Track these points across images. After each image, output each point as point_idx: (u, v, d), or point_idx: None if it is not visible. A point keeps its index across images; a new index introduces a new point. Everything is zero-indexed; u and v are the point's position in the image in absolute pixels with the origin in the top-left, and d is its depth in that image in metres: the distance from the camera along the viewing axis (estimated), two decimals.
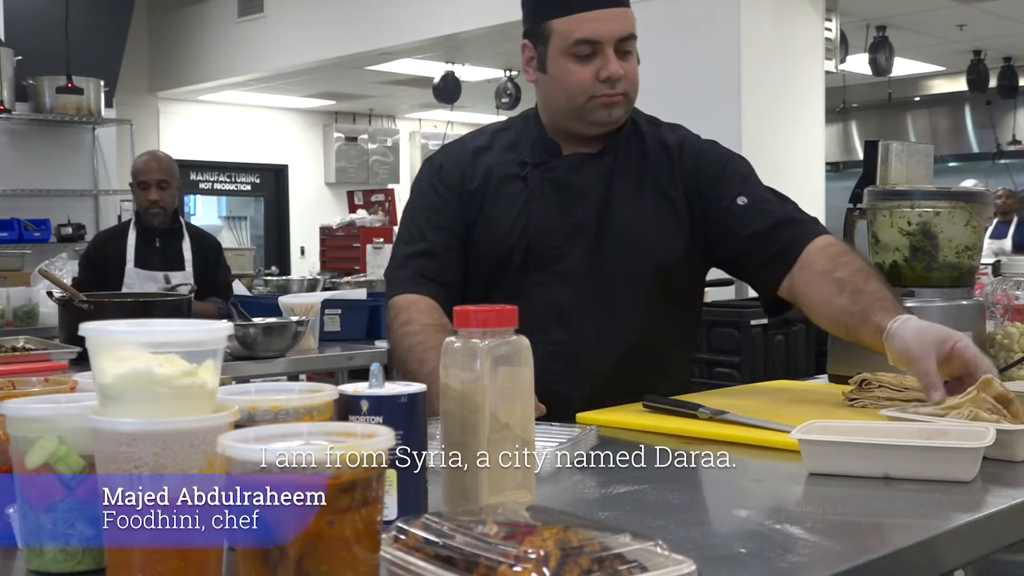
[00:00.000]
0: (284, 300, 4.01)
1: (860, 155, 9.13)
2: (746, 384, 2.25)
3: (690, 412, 1.58)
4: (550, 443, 1.33)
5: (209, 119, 10.66)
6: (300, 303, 3.96)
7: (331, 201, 11.45)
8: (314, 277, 6.66)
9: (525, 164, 1.91)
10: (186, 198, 11.02)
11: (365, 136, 11.92)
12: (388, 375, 1.08)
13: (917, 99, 11.37)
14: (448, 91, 9.18)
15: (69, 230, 7.25)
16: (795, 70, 5.64)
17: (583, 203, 1.88)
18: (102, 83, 7.34)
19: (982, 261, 2.15)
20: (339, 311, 4.09)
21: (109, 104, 7.51)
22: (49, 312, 4.35)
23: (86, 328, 0.89)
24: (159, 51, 9.49)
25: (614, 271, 1.87)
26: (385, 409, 1.02)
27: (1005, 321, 2.01)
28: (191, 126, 10.50)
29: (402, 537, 0.88)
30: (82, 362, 2.85)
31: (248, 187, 11.41)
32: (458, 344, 1.08)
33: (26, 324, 4.48)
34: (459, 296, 1.88)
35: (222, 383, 0.95)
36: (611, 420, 1.61)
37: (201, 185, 10.97)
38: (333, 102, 11.12)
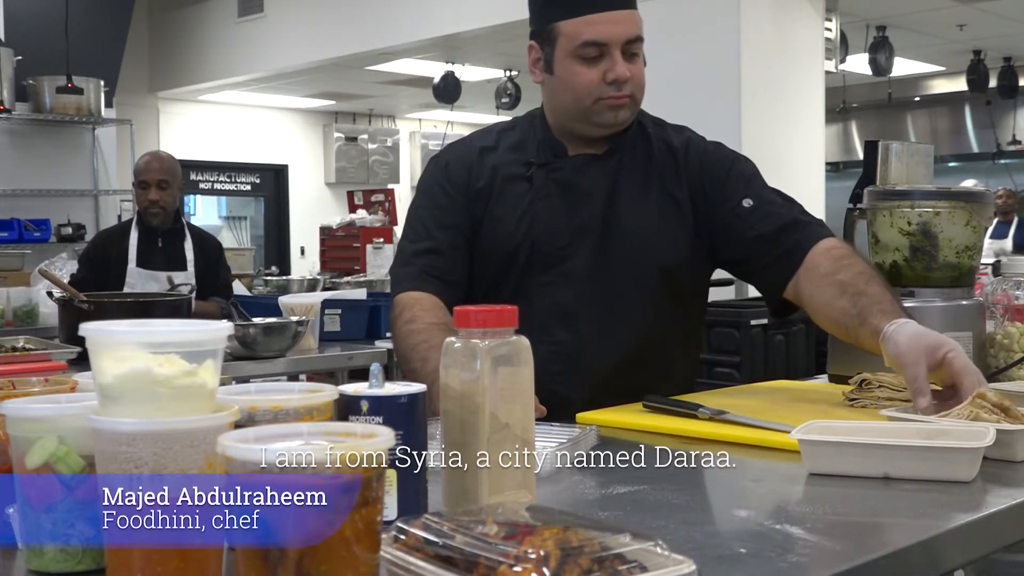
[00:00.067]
0: (284, 300, 4.01)
1: (860, 155, 9.13)
2: (746, 384, 2.25)
3: (690, 412, 1.58)
4: (550, 443, 1.33)
5: (209, 119, 10.66)
6: (300, 303, 3.96)
7: (331, 201, 11.45)
8: (314, 277, 6.65)
9: (531, 164, 1.91)
10: (186, 198, 11.02)
11: (365, 136, 11.92)
12: (388, 375, 1.08)
13: (917, 99, 11.37)
14: (448, 91, 9.18)
15: (69, 230, 7.26)
16: (795, 70, 5.64)
17: (588, 204, 1.88)
18: (102, 83, 7.34)
19: (982, 261, 2.15)
20: (339, 311, 4.10)
21: (109, 104, 7.51)
22: (49, 312, 4.35)
23: (86, 328, 0.89)
24: (159, 51, 9.49)
25: (619, 272, 1.86)
26: (385, 409, 1.02)
27: (1005, 321, 2.01)
28: (191, 126, 10.50)
29: (402, 537, 0.88)
30: (82, 362, 2.85)
31: (248, 187, 11.41)
32: (458, 344, 1.08)
33: (26, 324, 4.48)
34: (464, 295, 1.88)
35: (222, 383, 0.95)
36: (611, 420, 1.61)
37: (201, 185, 10.97)
38: (333, 102, 11.12)
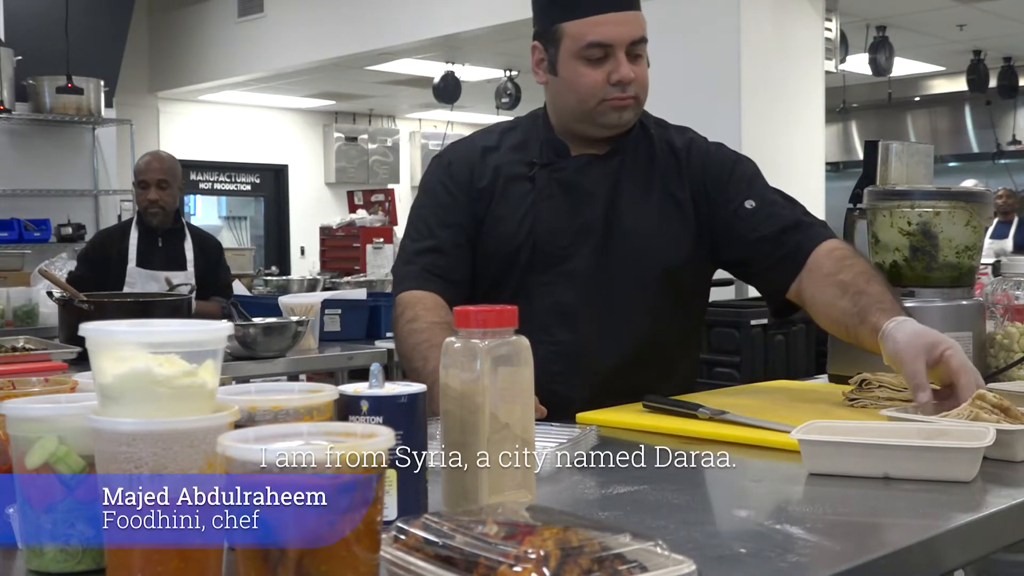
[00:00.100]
0: (284, 300, 4.01)
1: (860, 155, 9.13)
2: (746, 384, 2.24)
3: (690, 412, 1.58)
4: (550, 443, 1.33)
5: (209, 119, 10.66)
6: (300, 303, 3.96)
7: (331, 201, 11.44)
8: (314, 277, 6.65)
9: (533, 164, 1.91)
10: (186, 198, 11.02)
11: (365, 136, 11.91)
12: (388, 375, 1.08)
13: (917, 99, 11.37)
14: (448, 91, 9.18)
15: (69, 230, 7.26)
16: (795, 70, 5.64)
17: (590, 204, 1.88)
18: (102, 83, 7.34)
19: (982, 261, 2.15)
20: (339, 311, 4.09)
21: (109, 104, 7.51)
22: (49, 312, 4.35)
23: (86, 328, 0.89)
24: (159, 51, 9.49)
25: (620, 272, 1.86)
26: (385, 409, 1.02)
27: (1005, 321, 2.01)
28: (191, 126, 10.50)
29: (402, 537, 0.88)
30: (82, 362, 2.85)
31: (248, 187, 11.41)
32: (458, 344, 1.08)
33: (26, 324, 4.48)
34: (466, 294, 1.88)
35: (222, 383, 0.95)
36: (611, 420, 1.61)
37: (201, 185, 10.97)
38: (333, 102, 11.12)
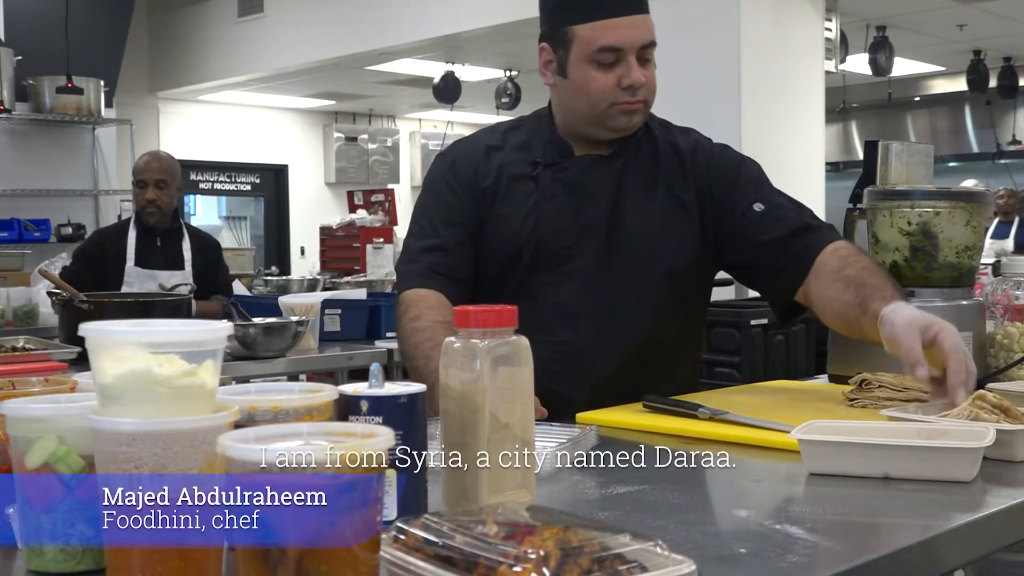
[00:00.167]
0: (284, 300, 4.01)
1: (860, 155, 9.12)
2: (746, 384, 2.24)
3: (690, 412, 1.58)
4: (550, 443, 1.33)
5: (209, 119, 10.66)
6: (300, 303, 3.95)
7: (331, 201, 11.44)
8: (314, 277, 6.64)
9: (537, 164, 1.91)
10: (186, 198, 11.02)
11: (365, 136, 11.91)
12: (388, 375, 1.08)
13: (917, 99, 11.37)
14: (448, 91, 9.18)
15: (69, 230, 7.25)
16: (795, 70, 5.64)
17: (594, 204, 1.87)
18: (102, 83, 7.33)
19: (982, 261, 2.15)
20: (339, 311, 4.09)
21: (109, 104, 7.51)
22: (49, 312, 4.34)
23: (86, 328, 0.89)
24: (159, 51, 9.49)
25: (622, 273, 1.86)
26: (385, 409, 1.02)
27: (1005, 321, 2.01)
28: (191, 126, 10.50)
29: (402, 537, 0.88)
30: (82, 362, 2.86)
31: (248, 187, 11.41)
32: (458, 344, 1.08)
33: (26, 324, 4.48)
34: (470, 292, 1.88)
35: (222, 383, 0.95)
36: (611, 420, 1.61)
37: (201, 185, 10.97)
38: (333, 102, 11.12)
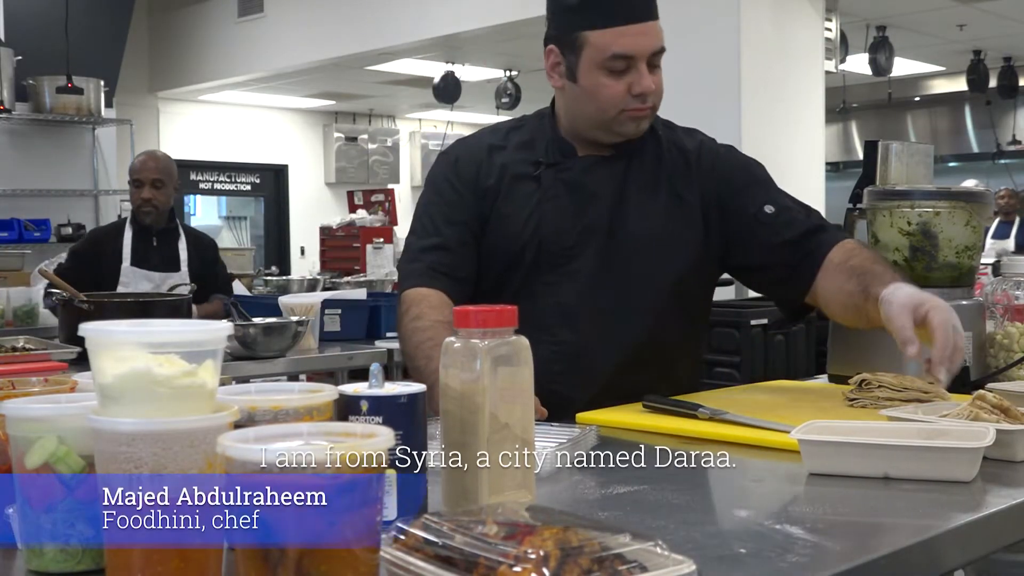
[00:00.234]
0: (284, 300, 4.01)
1: (860, 155, 9.12)
2: (746, 384, 2.24)
3: (690, 412, 1.58)
4: (550, 443, 1.33)
5: (209, 119, 10.66)
6: (300, 303, 3.95)
7: (331, 201, 11.44)
8: (314, 277, 6.64)
9: (539, 164, 1.90)
10: (186, 198, 11.02)
11: (365, 136, 11.91)
12: (388, 375, 1.08)
13: (917, 99, 11.36)
14: (448, 91, 9.18)
15: (69, 230, 7.25)
16: (795, 70, 5.64)
17: (596, 205, 1.87)
18: (102, 83, 7.33)
19: (983, 261, 2.15)
20: (339, 311, 4.09)
21: (109, 104, 7.50)
22: (49, 312, 4.35)
23: (86, 328, 0.89)
24: (159, 51, 9.48)
25: (624, 274, 1.86)
26: (385, 409, 1.02)
27: (1005, 321, 2.01)
28: (191, 126, 10.50)
29: (402, 537, 0.88)
30: (82, 362, 2.85)
31: (248, 187, 11.40)
32: (458, 344, 1.08)
33: (26, 324, 4.49)
34: (472, 291, 1.87)
35: (222, 383, 0.95)
36: (611, 420, 1.61)
37: (201, 185, 10.96)
38: (333, 102, 11.12)
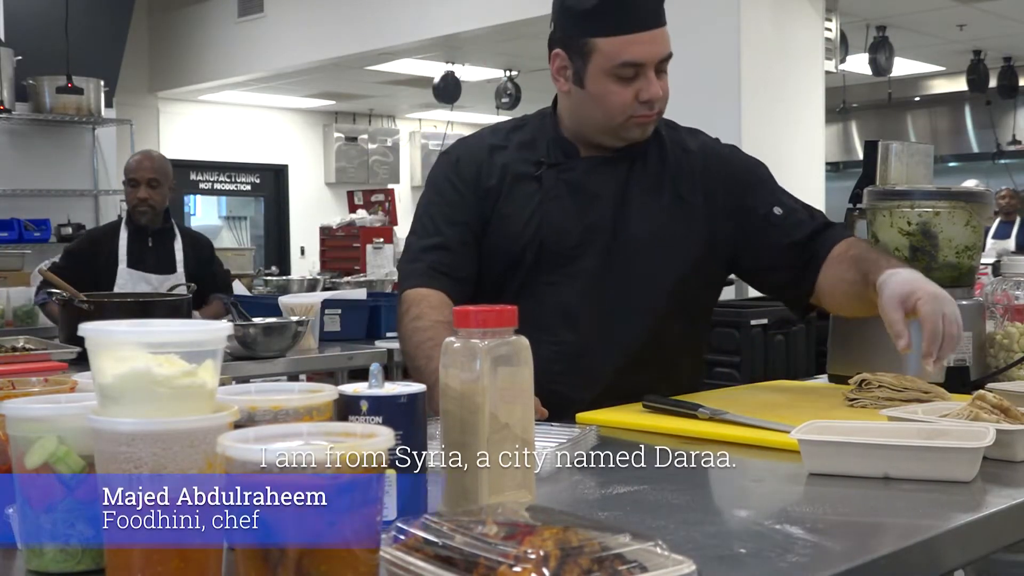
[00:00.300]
0: (284, 300, 4.01)
1: (860, 155, 9.12)
2: (746, 384, 2.24)
3: (690, 412, 1.58)
4: (550, 443, 1.33)
5: (209, 119, 10.66)
6: (300, 303, 3.95)
7: (331, 201, 11.44)
8: (314, 277, 6.64)
9: (541, 164, 1.90)
10: (186, 198, 11.02)
11: (365, 136, 11.91)
12: (388, 375, 1.08)
13: (917, 99, 11.36)
14: (448, 91, 9.18)
15: (69, 230, 7.24)
16: (795, 70, 5.64)
17: (598, 206, 1.86)
18: (102, 83, 7.33)
19: (983, 261, 2.15)
20: (339, 311, 4.09)
21: (109, 104, 7.50)
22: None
23: (86, 328, 0.89)
24: (159, 51, 9.48)
25: (625, 274, 1.85)
26: (385, 409, 1.02)
27: (1005, 321, 2.01)
28: (191, 126, 10.50)
29: (402, 537, 0.88)
30: (82, 362, 2.85)
31: (248, 187, 11.40)
32: (458, 344, 1.08)
33: (26, 324, 4.49)
34: (472, 291, 1.87)
35: (222, 383, 0.95)
36: (611, 420, 1.61)
37: (201, 185, 10.96)
38: (333, 102, 11.12)
